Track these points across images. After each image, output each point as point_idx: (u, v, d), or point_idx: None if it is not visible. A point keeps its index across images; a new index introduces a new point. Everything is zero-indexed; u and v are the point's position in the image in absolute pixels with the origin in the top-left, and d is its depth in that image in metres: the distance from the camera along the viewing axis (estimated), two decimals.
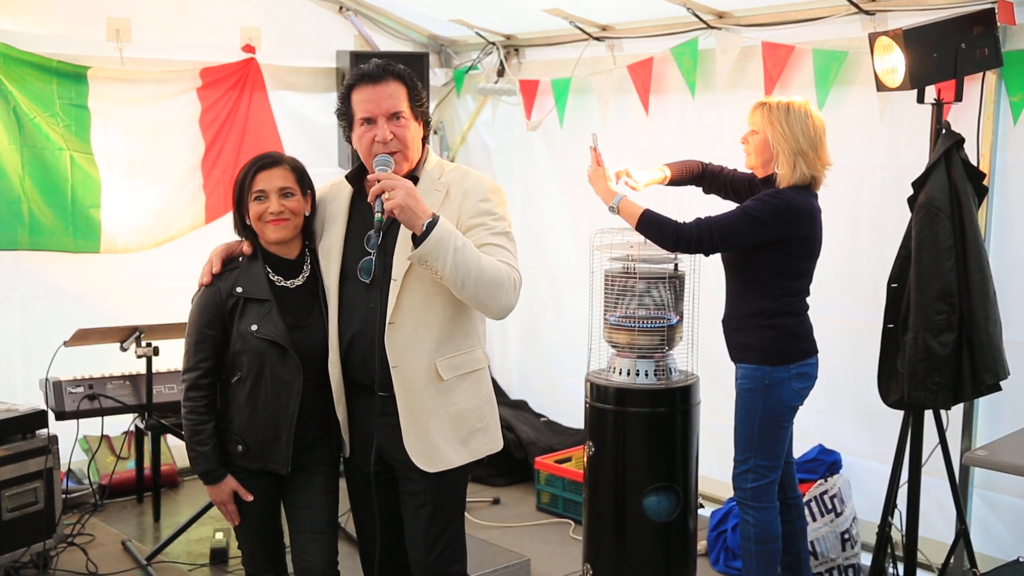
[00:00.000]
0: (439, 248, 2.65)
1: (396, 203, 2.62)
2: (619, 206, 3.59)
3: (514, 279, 2.81)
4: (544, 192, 5.83)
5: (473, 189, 2.88)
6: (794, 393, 3.63)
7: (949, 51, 3.50)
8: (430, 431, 2.86)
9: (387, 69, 2.84)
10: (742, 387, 3.68)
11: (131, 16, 5.13)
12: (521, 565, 4.27)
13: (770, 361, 3.61)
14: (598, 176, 3.69)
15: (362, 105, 2.82)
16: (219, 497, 2.99)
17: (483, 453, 2.98)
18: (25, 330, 5.07)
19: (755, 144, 3.66)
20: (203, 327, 2.93)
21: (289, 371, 2.89)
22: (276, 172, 2.92)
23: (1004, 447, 3.46)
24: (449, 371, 2.87)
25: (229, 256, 2.99)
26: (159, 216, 5.30)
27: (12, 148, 4.85)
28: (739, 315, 3.69)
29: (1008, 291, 3.82)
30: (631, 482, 3.66)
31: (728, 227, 3.53)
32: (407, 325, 2.82)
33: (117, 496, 5.16)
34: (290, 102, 5.70)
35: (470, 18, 5.68)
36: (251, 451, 2.95)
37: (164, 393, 4.80)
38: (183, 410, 2.97)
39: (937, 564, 3.97)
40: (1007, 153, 3.98)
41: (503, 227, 2.87)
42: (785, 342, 3.61)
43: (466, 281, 2.70)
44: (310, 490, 3.03)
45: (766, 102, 3.65)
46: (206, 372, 2.94)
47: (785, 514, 3.77)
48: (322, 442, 3.02)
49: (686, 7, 4.65)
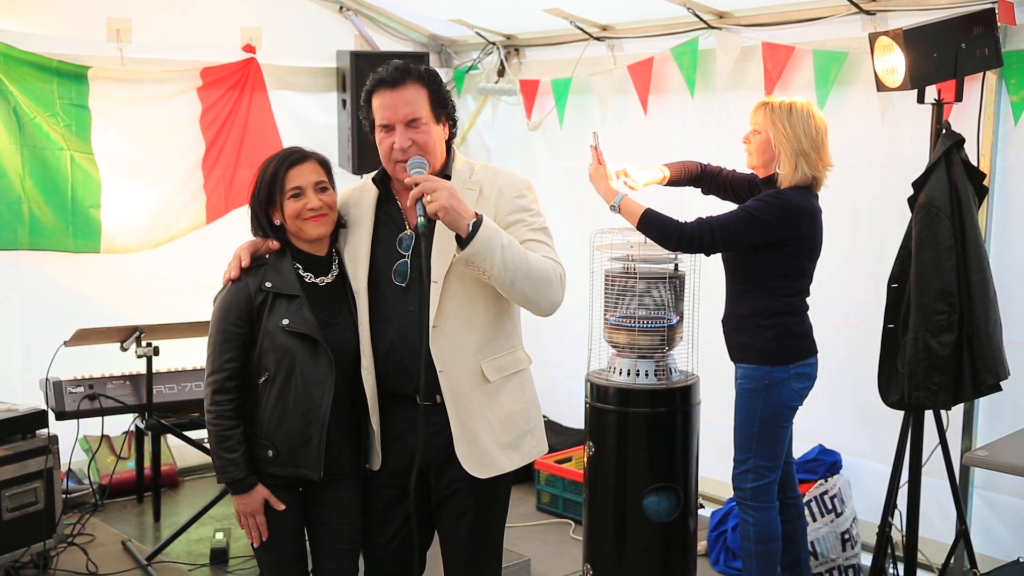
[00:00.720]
0: (487, 247, 2.57)
1: (440, 204, 2.52)
2: (620, 205, 3.60)
3: (560, 273, 2.75)
4: (544, 192, 5.76)
5: (507, 186, 2.82)
6: (793, 393, 3.63)
7: (949, 51, 3.50)
8: (480, 435, 2.77)
9: (406, 72, 2.73)
10: (742, 387, 3.68)
11: (131, 16, 5.13)
12: (521, 565, 4.28)
13: (770, 361, 3.61)
14: (599, 175, 3.70)
15: (380, 111, 2.73)
16: (249, 507, 2.81)
17: (533, 456, 2.91)
18: (25, 330, 5.07)
19: (757, 144, 3.66)
20: (230, 325, 2.78)
21: (320, 369, 2.76)
22: (308, 167, 2.81)
23: (1004, 447, 3.46)
24: (495, 372, 2.79)
25: (256, 252, 2.86)
26: (159, 216, 5.31)
27: (12, 148, 4.85)
28: (739, 315, 3.69)
29: (1008, 291, 3.82)
30: (631, 482, 3.65)
31: (729, 227, 3.53)
32: (451, 328, 2.73)
33: (117, 496, 5.16)
34: (290, 102, 5.71)
35: (470, 18, 5.68)
36: (281, 456, 2.79)
37: (164, 393, 4.81)
38: (208, 415, 2.81)
39: (937, 564, 3.97)
40: (1007, 153, 3.98)
41: (540, 222, 2.82)
42: (785, 342, 3.61)
43: (515, 279, 2.63)
44: (337, 506, 2.88)
45: (768, 102, 3.65)
46: (233, 373, 2.78)
47: (785, 514, 3.78)
48: (349, 453, 2.88)
49: (686, 7, 4.64)
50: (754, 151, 3.69)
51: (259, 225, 2.86)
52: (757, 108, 3.67)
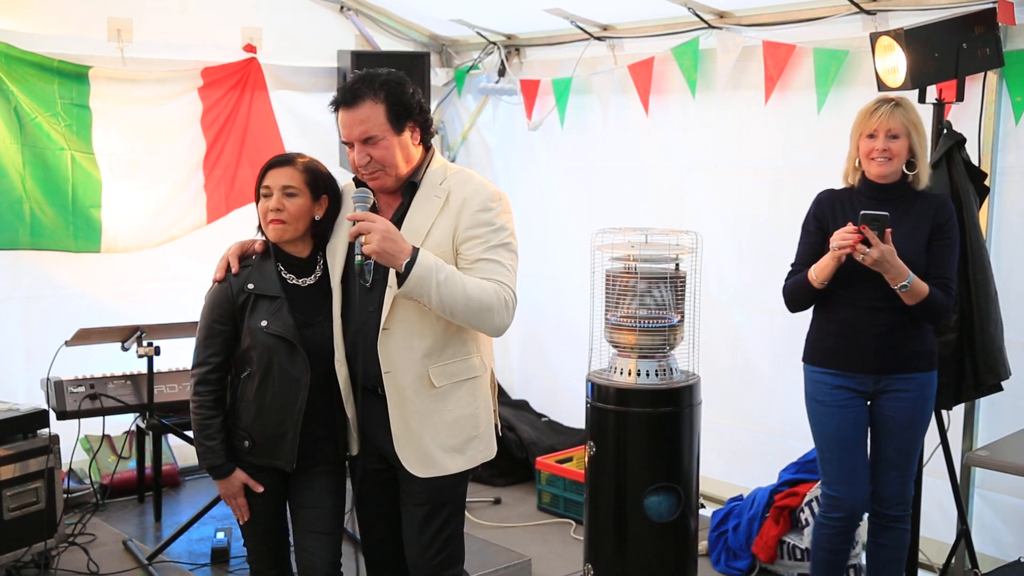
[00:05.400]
0: (421, 285, 2.66)
1: (372, 248, 2.63)
2: (911, 284, 3.28)
3: (505, 299, 2.78)
4: (545, 192, 5.83)
5: (472, 197, 2.82)
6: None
7: (950, 51, 3.50)
8: (423, 437, 2.86)
9: (358, 91, 2.77)
10: (924, 397, 3.46)
11: (132, 16, 5.13)
12: (522, 565, 4.28)
13: (936, 365, 3.50)
14: (892, 253, 3.26)
15: (341, 129, 2.82)
16: (229, 491, 2.99)
17: (479, 460, 2.97)
18: (26, 330, 5.07)
19: (900, 148, 3.35)
20: (213, 322, 2.94)
21: (297, 368, 2.90)
22: (284, 171, 2.92)
23: (1005, 447, 3.46)
24: (443, 378, 2.86)
25: (243, 254, 3.01)
26: (160, 216, 5.30)
27: (13, 148, 4.85)
28: (911, 321, 3.39)
29: (1008, 291, 3.82)
30: (632, 482, 3.66)
31: (956, 266, 3.42)
32: (399, 332, 2.81)
33: (118, 496, 5.16)
34: (291, 102, 5.70)
35: (471, 18, 5.68)
36: (257, 447, 2.96)
37: (165, 393, 4.81)
38: (192, 405, 2.97)
39: (938, 564, 3.98)
40: (1008, 153, 3.98)
41: (501, 239, 2.82)
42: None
43: (454, 311, 2.72)
44: (316, 490, 3.03)
45: (898, 101, 3.39)
46: (215, 367, 2.95)
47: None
48: (328, 441, 3.02)
49: (687, 7, 4.65)
50: (896, 156, 3.36)
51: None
52: (891, 109, 3.36)
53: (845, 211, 3.44)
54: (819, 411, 3.52)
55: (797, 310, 3.56)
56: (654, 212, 5.11)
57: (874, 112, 3.37)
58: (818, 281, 3.40)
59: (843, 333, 3.44)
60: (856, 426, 3.47)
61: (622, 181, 5.38)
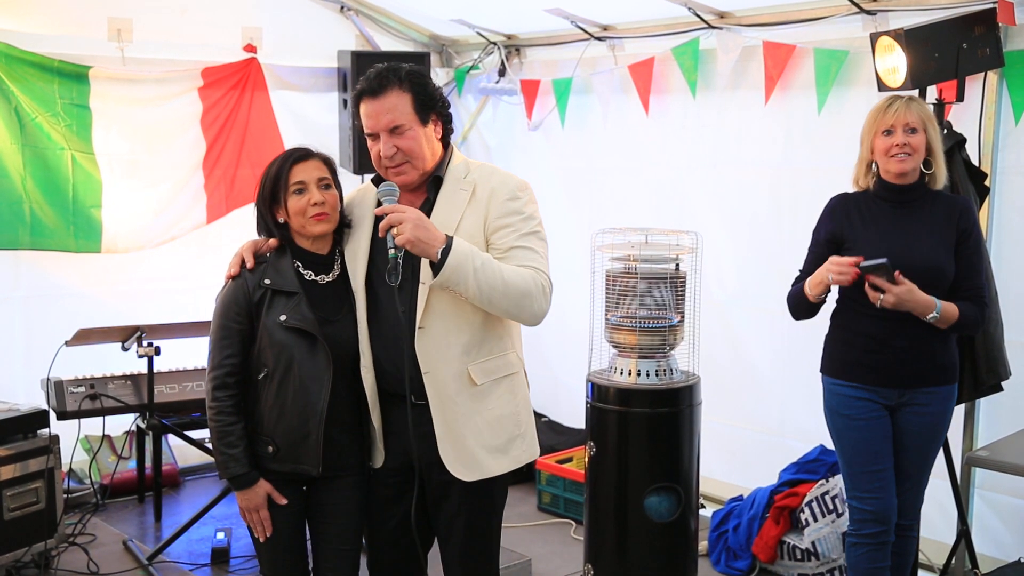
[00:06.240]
0: (458, 273, 2.59)
1: (406, 238, 2.55)
2: (941, 312, 3.21)
3: (542, 284, 2.73)
4: (545, 192, 5.77)
5: (500, 187, 2.78)
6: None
7: (950, 51, 3.50)
8: (466, 438, 2.77)
9: (386, 78, 2.72)
10: (945, 410, 3.37)
11: (132, 16, 5.13)
12: (522, 565, 4.28)
13: (957, 376, 3.42)
14: (913, 290, 3.18)
15: (365, 120, 2.75)
16: (252, 502, 2.83)
17: (523, 461, 2.89)
18: (26, 330, 5.07)
19: (919, 144, 3.23)
20: (229, 321, 2.81)
21: (318, 365, 2.78)
22: (312, 164, 2.83)
23: (1005, 448, 3.46)
24: (483, 376, 2.79)
25: (258, 251, 2.88)
26: (160, 216, 5.31)
27: (13, 148, 4.85)
28: (939, 332, 3.28)
29: (1008, 291, 3.82)
30: (632, 482, 3.66)
31: (986, 272, 3.37)
32: (437, 329, 2.74)
33: (118, 496, 5.16)
34: (291, 102, 5.70)
35: (471, 18, 5.68)
36: (281, 452, 2.81)
37: (165, 393, 4.81)
38: (209, 411, 2.83)
39: (938, 565, 3.98)
40: (1008, 153, 3.98)
41: (531, 227, 2.79)
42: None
43: (492, 298, 2.65)
44: (339, 505, 2.90)
45: (912, 96, 3.31)
46: (232, 369, 2.81)
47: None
48: (353, 449, 2.89)
49: (687, 7, 4.64)
50: (916, 152, 3.23)
51: (264, 224, 2.88)
52: (908, 102, 3.24)
53: (862, 216, 3.35)
54: (845, 425, 3.40)
55: (799, 319, 3.49)
56: (654, 212, 5.11)
57: (889, 107, 3.25)
58: (813, 296, 3.34)
59: (869, 347, 3.32)
60: (884, 437, 3.37)
61: (622, 181, 5.38)
